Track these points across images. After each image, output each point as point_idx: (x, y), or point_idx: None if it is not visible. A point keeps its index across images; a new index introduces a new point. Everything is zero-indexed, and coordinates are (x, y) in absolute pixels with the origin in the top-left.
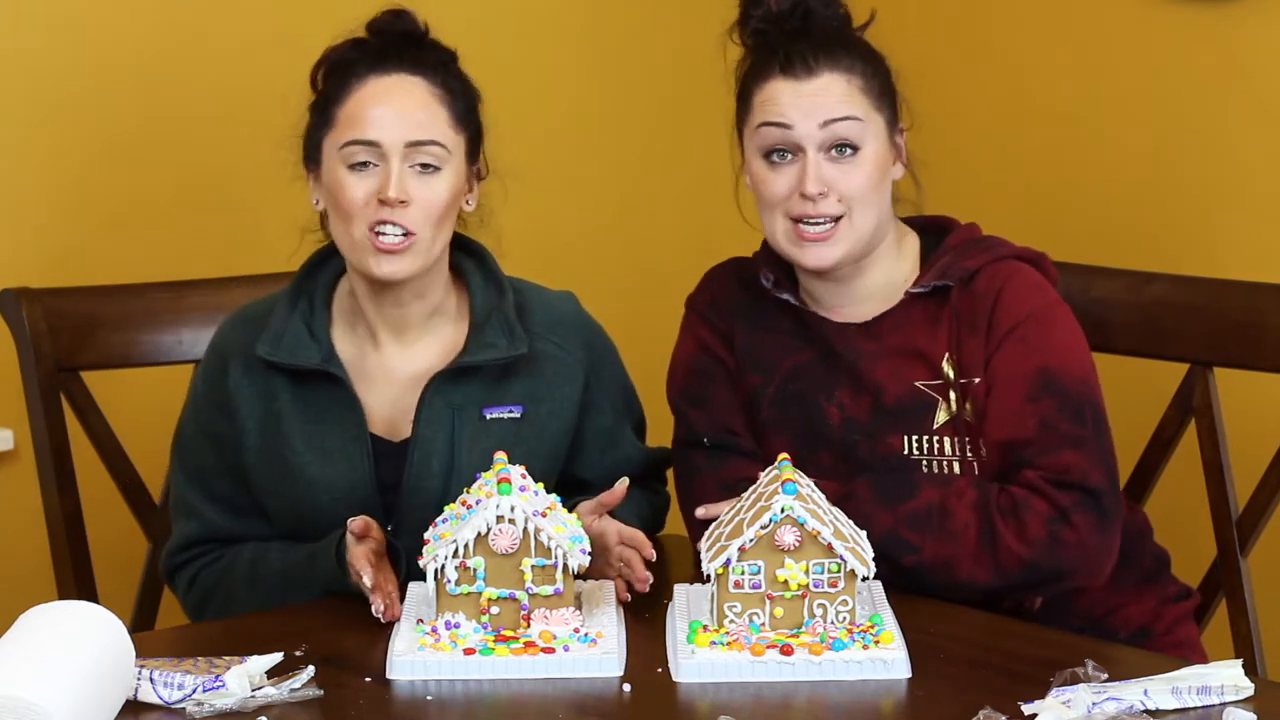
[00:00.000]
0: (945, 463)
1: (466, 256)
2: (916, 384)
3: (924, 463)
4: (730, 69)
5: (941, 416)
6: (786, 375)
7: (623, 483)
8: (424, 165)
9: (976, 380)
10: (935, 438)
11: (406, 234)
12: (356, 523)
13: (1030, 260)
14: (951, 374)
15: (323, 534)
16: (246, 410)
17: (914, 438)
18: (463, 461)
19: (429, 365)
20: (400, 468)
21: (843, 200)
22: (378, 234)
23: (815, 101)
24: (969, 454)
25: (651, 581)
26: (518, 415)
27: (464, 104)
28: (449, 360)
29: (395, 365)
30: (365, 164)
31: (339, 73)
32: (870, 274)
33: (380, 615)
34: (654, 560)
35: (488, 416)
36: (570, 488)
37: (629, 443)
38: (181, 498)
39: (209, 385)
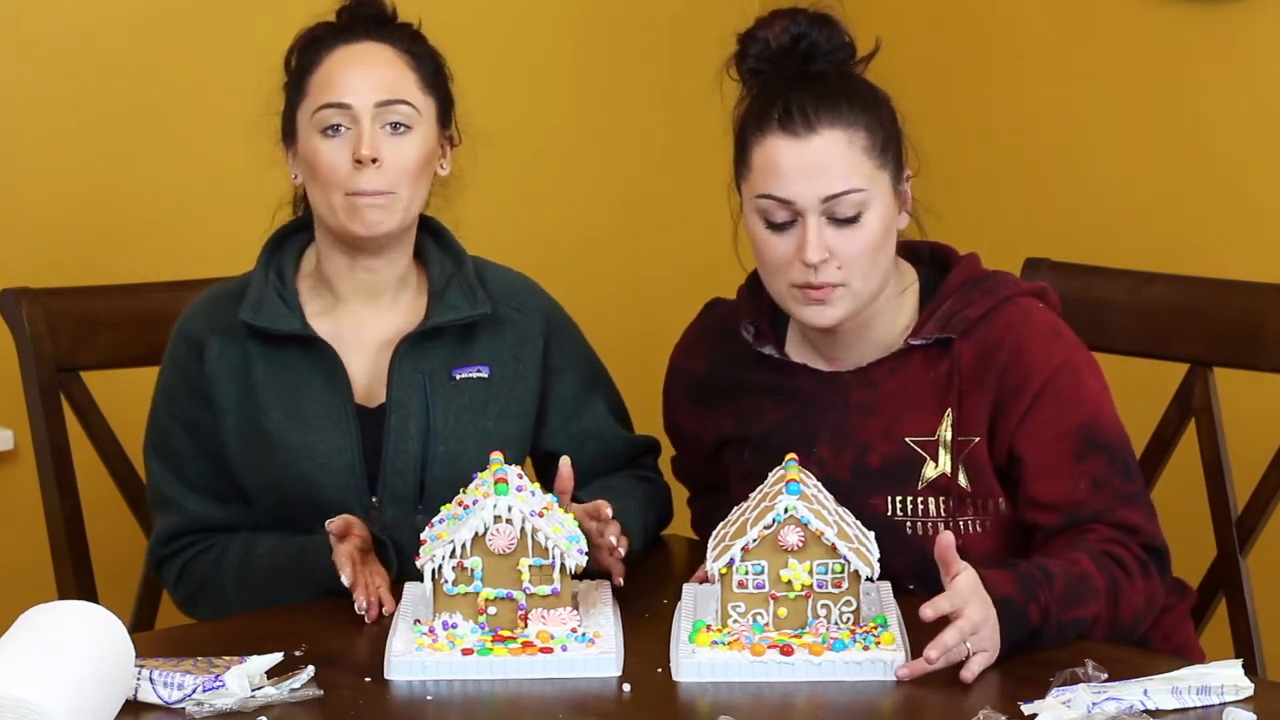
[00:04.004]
0: (930, 524)
1: (427, 235)
2: (907, 440)
3: (908, 524)
4: (727, 104)
5: (929, 473)
6: (767, 430)
7: (565, 461)
8: (395, 125)
9: (976, 440)
10: (920, 498)
11: (382, 193)
12: (335, 523)
13: (1034, 294)
14: (949, 434)
15: (308, 505)
16: (224, 390)
17: (898, 498)
18: (438, 424)
19: (397, 332)
20: (378, 433)
21: (843, 266)
22: (357, 194)
23: (815, 171)
24: (953, 514)
25: (624, 552)
26: (485, 375)
27: (431, 67)
28: (414, 327)
29: (367, 333)
30: (337, 127)
31: (310, 48)
32: (873, 328)
33: (362, 612)
34: (610, 519)
35: (457, 377)
36: (538, 461)
37: (599, 418)
38: (161, 490)
39: (181, 373)
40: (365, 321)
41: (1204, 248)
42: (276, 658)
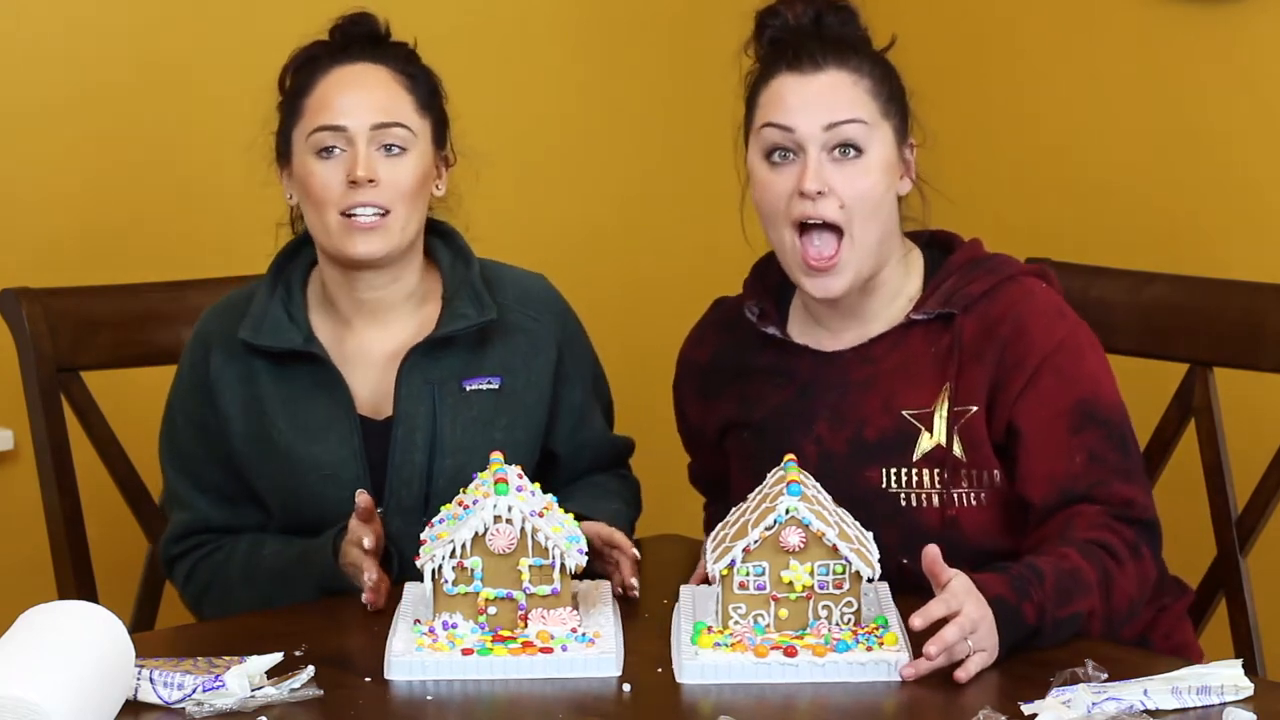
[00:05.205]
0: (924, 495)
1: (436, 238)
2: (904, 412)
3: (902, 496)
4: (735, 96)
5: (924, 445)
6: (769, 413)
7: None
8: (389, 147)
9: (974, 409)
10: (915, 470)
11: (381, 213)
12: (363, 497)
13: (1035, 274)
14: (947, 403)
15: (316, 516)
16: (229, 396)
17: (893, 470)
18: (445, 435)
19: (405, 344)
20: (385, 446)
21: (844, 206)
22: (351, 216)
23: (820, 101)
24: (948, 486)
25: (637, 587)
26: (496, 386)
27: (426, 89)
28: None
29: (373, 347)
30: (332, 149)
31: (305, 69)
32: (877, 296)
33: (372, 579)
34: (639, 559)
35: (467, 388)
36: (542, 460)
37: (598, 426)
38: (173, 488)
39: (192, 374)
40: (372, 338)
41: (1204, 248)
42: (276, 658)
